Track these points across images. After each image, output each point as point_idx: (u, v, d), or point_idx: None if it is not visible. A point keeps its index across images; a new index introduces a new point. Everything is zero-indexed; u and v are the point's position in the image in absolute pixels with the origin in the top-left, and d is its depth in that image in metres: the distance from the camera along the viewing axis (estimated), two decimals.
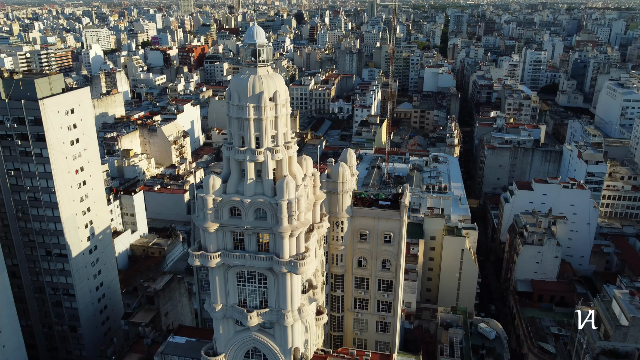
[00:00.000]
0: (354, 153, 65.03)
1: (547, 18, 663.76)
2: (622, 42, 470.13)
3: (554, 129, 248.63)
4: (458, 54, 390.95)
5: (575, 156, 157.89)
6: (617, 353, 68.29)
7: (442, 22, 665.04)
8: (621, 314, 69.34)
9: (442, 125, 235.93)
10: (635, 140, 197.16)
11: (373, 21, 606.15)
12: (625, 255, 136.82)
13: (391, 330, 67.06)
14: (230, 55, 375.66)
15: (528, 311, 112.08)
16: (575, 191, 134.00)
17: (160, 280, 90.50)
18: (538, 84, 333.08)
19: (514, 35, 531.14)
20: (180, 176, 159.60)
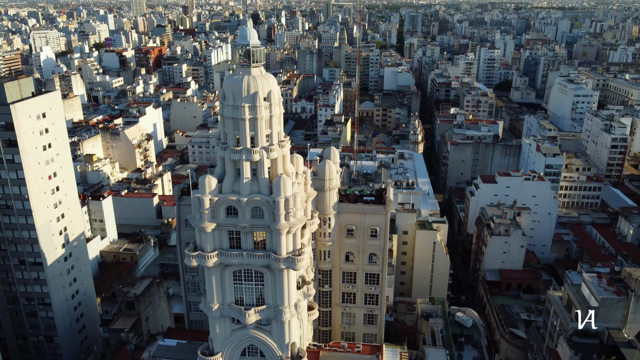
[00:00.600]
0: (337, 151, 66.42)
1: (497, 17, 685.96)
2: (568, 40, 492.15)
3: (510, 124, 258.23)
4: (415, 53, 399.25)
5: (534, 149, 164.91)
6: (589, 333, 72.49)
7: (397, 21, 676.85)
8: (590, 296, 73.62)
9: (405, 123, 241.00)
10: (586, 133, 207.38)
11: (330, 21, 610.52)
12: (583, 242, 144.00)
13: (378, 322, 68.96)
14: (189, 57, 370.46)
15: (498, 299, 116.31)
16: (536, 183, 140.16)
17: (139, 285, 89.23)
18: (492, 81, 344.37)
19: (466, 34, 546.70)
20: (147, 180, 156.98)
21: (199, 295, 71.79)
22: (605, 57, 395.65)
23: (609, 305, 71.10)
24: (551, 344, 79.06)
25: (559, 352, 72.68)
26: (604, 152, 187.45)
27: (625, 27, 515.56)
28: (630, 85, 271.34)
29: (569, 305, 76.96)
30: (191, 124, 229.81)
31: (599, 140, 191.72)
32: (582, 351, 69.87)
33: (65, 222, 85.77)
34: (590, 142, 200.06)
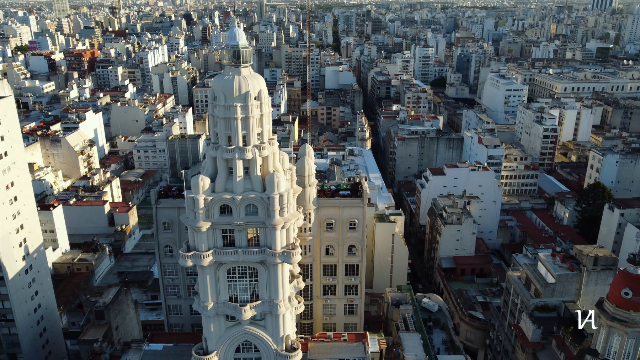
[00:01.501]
0: (311, 148, 68.26)
1: (427, 16, 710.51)
2: (494, 38, 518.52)
3: (448, 119, 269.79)
4: (353, 52, 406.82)
5: (476, 142, 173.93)
6: (548, 307, 78.66)
7: (332, 21, 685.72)
8: (547, 273, 79.86)
9: (350, 121, 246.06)
10: (519, 125, 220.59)
11: (265, 21, 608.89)
12: (525, 227, 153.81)
13: (358, 311, 71.56)
14: (124, 59, 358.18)
15: (454, 285, 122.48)
16: (481, 173, 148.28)
17: (107, 293, 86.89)
18: (428, 78, 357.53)
19: (399, 33, 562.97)
20: (95, 187, 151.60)
21: (178, 299, 71.47)
22: (529, 53, 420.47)
23: (564, 281, 77.47)
24: (513, 321, 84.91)
25: (522, 327, 78.30)
26: (537, 142, 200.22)
27: (544, 25, 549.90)
28: (554, 79, 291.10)
29: (527, 283, 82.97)
30: (133, 129, 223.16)
31: (532, 131, 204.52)
32: (543, 324, 75.75)
33: (24, 233, 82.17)
34: (524, 133, 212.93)
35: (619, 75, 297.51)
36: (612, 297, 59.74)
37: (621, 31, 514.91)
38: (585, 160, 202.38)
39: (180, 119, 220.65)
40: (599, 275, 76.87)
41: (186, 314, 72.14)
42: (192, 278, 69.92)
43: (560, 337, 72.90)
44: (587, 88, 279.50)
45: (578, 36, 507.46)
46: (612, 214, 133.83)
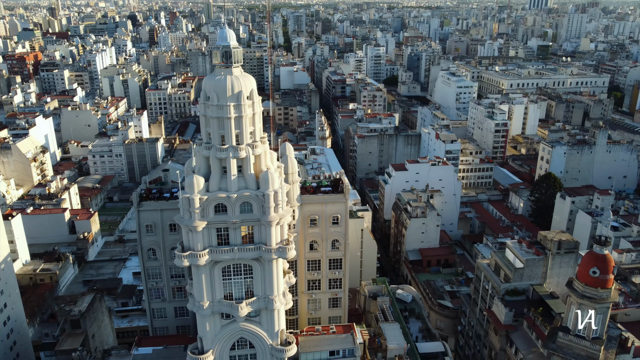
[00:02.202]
0: (291, 146, 69.39)
1: (374, 16, 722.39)
2: (441, 37, 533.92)
3: (402, 117, 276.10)
4: (305, 52, 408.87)
5: (433, 138, 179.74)
6: (517, 291, 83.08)
7: (281, 22, 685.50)
8: (515, 258, 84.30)
9: (307, 120, 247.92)
10: (471, 120, 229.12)
11: (214, 22, 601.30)
12: (484, 218, 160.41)
13: (342, 304, 73.34)
14: (70, 62, 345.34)
15: (421, 276, 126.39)
16: (441, 167, 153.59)
17: (81, 301, 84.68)
18: (380, 77, 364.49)
19: (348, 33, 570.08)
20: (53, 195, 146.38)
21: (163, 302, 70.97)
22: (475, 51, 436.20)
23: (531, 265, 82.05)
24: (484, 307, 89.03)
25: (494, 312, 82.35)
26: (489, 137, 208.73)
27: (487, 25, 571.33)
28: (501, 76, 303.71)
29: (497, 269, 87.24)
30: (86, 133, 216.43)
31: (484, 126, 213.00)
32: (514, 307, 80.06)
33: None
34: (476, 128, 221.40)
35: (559, 71, 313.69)
36: (580, 276, 64.26)
37: (558, 29, 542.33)
38: (534, 153, 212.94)
39: (136, 123, 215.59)
40: (563, 259, 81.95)
41: (171, 317, 71.66)
42: (176, 280, 69.62)
43: (531, 318, 77.32)
44: (531, 84, 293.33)
45: (519, 35, 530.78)
46: (564, 202, 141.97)
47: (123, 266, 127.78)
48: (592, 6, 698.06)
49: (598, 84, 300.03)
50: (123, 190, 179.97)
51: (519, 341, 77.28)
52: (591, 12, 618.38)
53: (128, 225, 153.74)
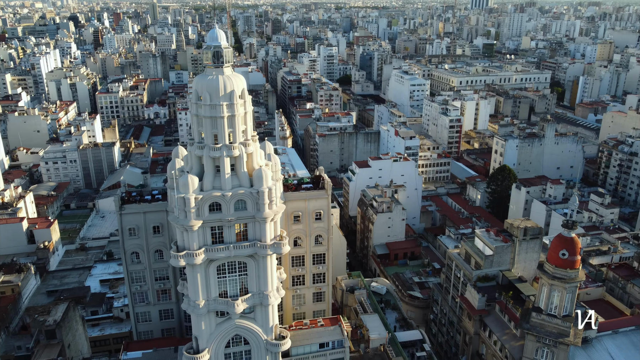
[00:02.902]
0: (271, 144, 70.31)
1: (323, 16, 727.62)
2: (389, 37, 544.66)
3: (358, 115, 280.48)
4: (258, 52, 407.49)
5: (393, 135, 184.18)
6: (488, 277, 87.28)
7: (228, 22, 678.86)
8: (485, 247, 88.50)
9: (265, 121, 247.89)
10: (426, 117, 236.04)
11: (161, 23, 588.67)
12: (444, 211, 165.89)
13: (326, 298, 74.89)
14: (11, 65, 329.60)
15: (390, 269, 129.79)
16: (403, 163, 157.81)
17: (55, 311, 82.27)
18: (333, 76, 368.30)
19: (299, 33, 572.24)
20: (7, 204, 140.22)
21: (147, 305, 70.27)
22: (423, 50, 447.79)
23: (500, 252, 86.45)
24: (456, 294, 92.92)
25: (467, 298, 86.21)
26: (444, 132, 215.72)
27: (433, 24, 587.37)
28: (450, 73, 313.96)
29: (467, 258, 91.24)
30: (35, 140, 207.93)
31: (438, 122, 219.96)
32: (486, 293, 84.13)
33: None
34: (431, 124, 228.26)
35: (504, 68, 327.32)
36: (551, 258, 68.61)
37: (500, 28, 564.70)
38: (486, 147, 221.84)
39: (89, 127, 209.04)
40: (529, 244, 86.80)
41: (155, 320, 70.98)
42: (161, 283, 69.10)
43: (503, 302, 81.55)
44: (479, 81, 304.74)
45: (464, 33, 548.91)
46: (520, 192, 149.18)
47: (89, 274, 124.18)
48: (529, 6, 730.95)
49: (541, 80, 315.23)
50: (80, 196, 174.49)
51: (492, 324, 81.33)
52: (529, 12, 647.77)
53: (89, 233, 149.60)
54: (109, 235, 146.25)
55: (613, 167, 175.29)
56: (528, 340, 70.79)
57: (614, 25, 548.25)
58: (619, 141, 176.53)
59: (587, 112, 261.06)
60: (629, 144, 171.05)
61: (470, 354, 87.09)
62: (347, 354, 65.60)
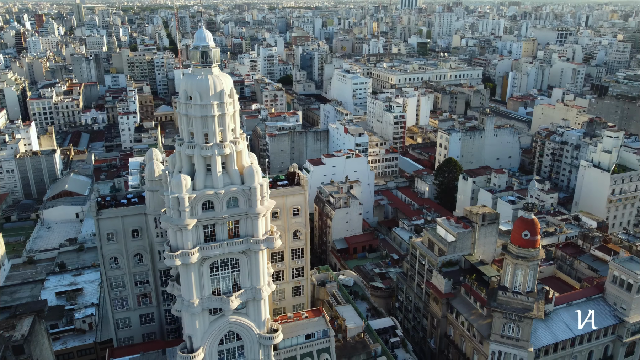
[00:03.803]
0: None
1: (257, 17, 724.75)
2: (326, 36, 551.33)
3: (303, 114, 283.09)
4: None
5: (342, 132, 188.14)
6: (451, 262, 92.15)
7: (161, 23, 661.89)
8: (447, 233, 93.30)
9: None
10: (370, 114, 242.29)
11: (89, 25, 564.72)
12: (395, 204, 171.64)
13: (305, 292, 76.63)
14: None
15: (350, 263, 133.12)
16: (355, 159, 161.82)
17: (20, 325, 78.67)
18: (274, 76, 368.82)
19: (234, 33, 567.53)
20: None
21: (127, 311, 69.19)
22: (360, 49, 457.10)
23: (462, 238, 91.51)
24: (421, 281, 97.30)
25: (434, 283, 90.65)
26: (389, 129, 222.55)
27: (367, 24, 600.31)
28: (389, 72, 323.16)
29: (430, 245, 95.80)
30: None
31: (383, 119, 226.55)
32: (451, 277, 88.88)
33: None
34: (376, 121, 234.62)
35: (439, 66, 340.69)
36: (514, 239, 73.97)
37: (431, 27, 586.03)
38: (429, 141, 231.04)
39: (24, 135, 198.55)
40: (487, 229, 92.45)
41: (136, 325, 69.90)
42: (141, 287, 68.21)
43: (467, 284, 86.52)
44: (416, 78, 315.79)
45: (397, 32, 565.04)
46: (466, 182, 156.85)
47: (42, 287, 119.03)
48: (456, 6, 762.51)
49: (473, 76, 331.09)
50: (21, 208, 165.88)
51: (459, 306, 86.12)
52: (457, 11, 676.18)
53: (36, 245, 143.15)
54: (58, 246, 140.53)
55: (546, 155, 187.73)
56: (496, 317, 75.88)
57: (535, 24, 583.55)
58: (551, 131, 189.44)
59: (518, 106, 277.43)
60: (559, 133, 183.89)
61: (438, 337, 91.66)
62: (332, 342, 67.77)
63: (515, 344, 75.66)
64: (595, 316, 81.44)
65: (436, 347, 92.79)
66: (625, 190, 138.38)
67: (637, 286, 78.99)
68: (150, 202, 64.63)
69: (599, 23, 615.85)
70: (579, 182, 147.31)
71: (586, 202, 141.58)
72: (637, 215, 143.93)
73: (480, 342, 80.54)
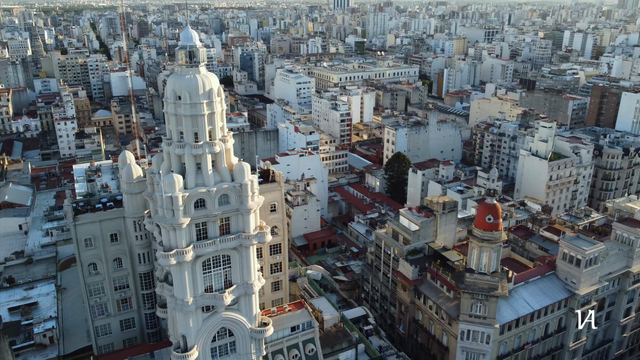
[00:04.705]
0: None
1: (190, 18, 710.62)
2: (262, 37, 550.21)
3: (248, 115, 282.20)
4: (131, 56, 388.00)
5: (292, 131, 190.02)
6: (416, 250, 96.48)
7: (88, 25, 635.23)
8: (410, 223, 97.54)
9: (154, 126, 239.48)
10: (316, 113, 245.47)
11: (9, 27, 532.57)
12: (348, 199, 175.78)
13: (283, 286, 78.03)
14: None
15: (311, 259, 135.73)
16: (309, 157, 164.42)
17: None
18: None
19: (167, 35, 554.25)
20: None
21: (107, 317, 67.86)
22: (298, 49, 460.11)
23: (425, 226, 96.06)
24: (387, 270, 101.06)
25: (401, 271, 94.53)
26: (336, 127, 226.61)
27: (302, 24, 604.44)
28: (330, 71, 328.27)
29: (395, 235, 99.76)
30: None
31: (329, 117, 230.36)
32: (417, 264, 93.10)
33: None
34: (322, 119, 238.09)
35: (378, 64, 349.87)
36: (478, 224, 78.94)
37: (366, 27, 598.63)
38: (374, 137, 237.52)
39: None
40: (447, 217, 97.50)
41: (116, 331, 68.50)
42: (121, 292, 67.05)
43: (434, 270, 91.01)
44: (357, 77, 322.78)
45: (333, 32, 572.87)
46: (416, 175, 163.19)
47: None
48: (387, 6, 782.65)
49: (410, 73, 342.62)
50: None
51: (427, 291, 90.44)
52: (389, 11, 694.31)
53: None
54: (3, 260, 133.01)
55: (486, 147, 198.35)
56: (464, 298, 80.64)
57: (464, 23, 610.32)
58: (489, 124, 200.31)
59: (455, 101, 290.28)
60: (497, 126, 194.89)
61: (407, 322, 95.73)
62: (317, 333, 69.73)
63: (483, 322, 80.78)
64: (549, 291, 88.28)
65: (405, 332, 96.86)
66: (562, 176, 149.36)
67: (585, 261, 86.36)
68: (129, 205, 63.79)
69: (521, 22, 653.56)
70: (520, 170, 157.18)
71: (527, 188, 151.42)
72: (572, 198, 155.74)
73: (449, 323, 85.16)
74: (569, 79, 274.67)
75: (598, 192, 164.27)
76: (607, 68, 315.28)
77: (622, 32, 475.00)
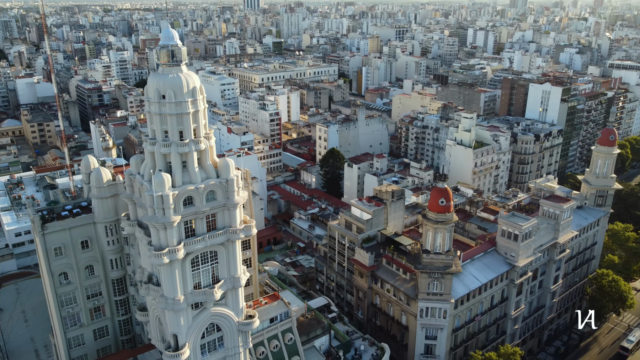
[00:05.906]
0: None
1: (94, 20, 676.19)
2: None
3: None
4: (35, 61, 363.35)
5: (226, 132, 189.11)
6: (370, 238, 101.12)
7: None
8: (362, 213, 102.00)
9: (73, 134, 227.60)
10: (244, 114, 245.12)
11: None
12: (286, 197, 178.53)
13: (253, 282, 79.25)
14: None
15: (260, 257, 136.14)
16: (247, 157, 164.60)
17: None
18: (129, 81, 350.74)
19: (71, 38, 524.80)
20: None
21: (80, 327, 65.66)
22: (214, 50, 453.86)
23: (377, 215, 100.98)
24: (342, 260, 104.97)
25: (357, 259, 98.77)
26: (265, 126, 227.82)
27: (215, 25, 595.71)
28: (251, 71, 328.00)
29: (348, 226, 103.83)
30: None
31: (258, 117, 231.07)
32: (372, 251, 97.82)
33: None
34: (250, 120, 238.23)
35: (298, 64, 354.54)
36: (431, 207, 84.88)
37: (280, 27, 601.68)
38: (303, 135, 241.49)
39: None
40: (396, 204, 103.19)
41: (90, 342, 66.12)
42: (94, 300, 65.08)
43: (389, 255, 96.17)
44: (279, 77, 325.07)
45: (248, 33, 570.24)
46: (352, 169, 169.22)
47: None
48: (298, 6, 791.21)
49: (330, 72, 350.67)
50: None
51: (384, 275, 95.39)
52: (300, 11, 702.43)
53: None
54: None
55: (411, 139, 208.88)
56: (422, 277, 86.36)
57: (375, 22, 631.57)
58: (413, 118, 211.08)
59: (375, 97, 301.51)
60: (420, 119, 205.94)
61: (365, 307, 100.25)
62: (294, 322, 71.93)
63: (440, 298, 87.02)
64: (493, 265, 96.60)
65: (364, 317, 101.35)
66: (485, 162, 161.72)
67: (522, 235, 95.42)
68: (99, 210, 62.17)
69: (426, 20, 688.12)
70: (448, 158, 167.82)
71: (455, 175, 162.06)
72: (495, 182, 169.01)
73: (408, 303, 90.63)
74: (477, 73, 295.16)
75: (515, 175, 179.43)
76: (509, 62, 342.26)
77: (517, 30, 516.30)
